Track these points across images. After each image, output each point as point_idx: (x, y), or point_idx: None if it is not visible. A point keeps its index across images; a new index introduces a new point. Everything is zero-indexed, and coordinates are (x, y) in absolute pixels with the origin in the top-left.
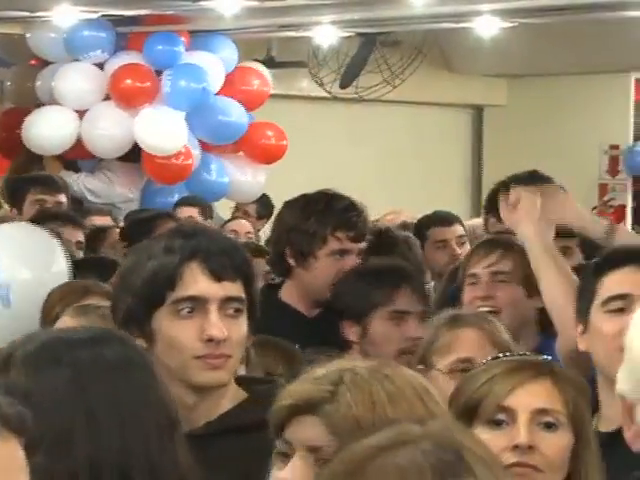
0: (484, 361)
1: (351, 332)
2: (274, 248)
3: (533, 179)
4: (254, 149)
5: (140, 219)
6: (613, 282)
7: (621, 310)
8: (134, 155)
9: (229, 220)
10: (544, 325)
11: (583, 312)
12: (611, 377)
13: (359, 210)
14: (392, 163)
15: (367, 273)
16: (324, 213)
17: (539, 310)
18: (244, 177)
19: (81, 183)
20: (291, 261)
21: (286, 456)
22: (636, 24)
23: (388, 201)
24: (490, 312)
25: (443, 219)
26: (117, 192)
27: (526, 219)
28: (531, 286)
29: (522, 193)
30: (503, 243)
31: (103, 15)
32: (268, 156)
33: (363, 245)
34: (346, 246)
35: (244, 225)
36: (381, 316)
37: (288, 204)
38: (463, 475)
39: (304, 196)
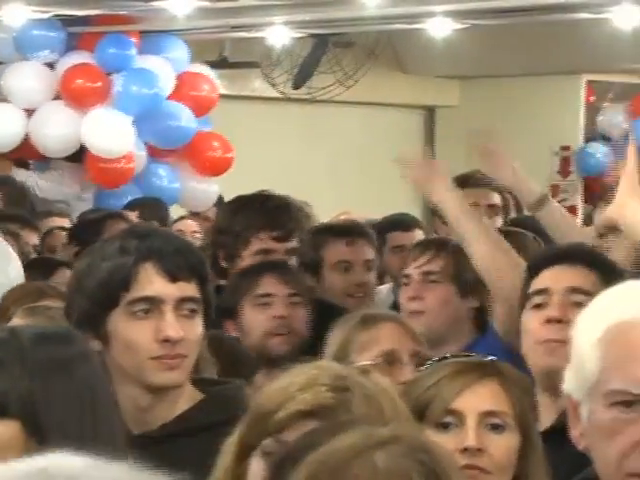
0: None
1: (232, 329)
2: (209, 250)
3: (479, 178)
4: (200, 161)
5: (89, 220)
6: (538, 281)
7: (540, 305)
8: (81, 156)
9: (176, 220)
10: (480, 325)
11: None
12: (535, 374)
13: (288, 209)
14: (345, 164)
15: (239, 270)
16: (249, 214)
17: (475, 310)
18: (197, 185)
19: (32, 180)
20: (223, 263)
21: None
22: (587, 26)
23: (340, 202)
24: (416, 312)
25: (401, 224)
26: (65, 191)
27: (439, 185)
28: (465, 286)
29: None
30: (437, 243)
31: (55, 15)
32: (214, 168)
33: (292, 245)
34: (269, 246)
35: (190, 225)
36: (248, 303)
37: (223, 206)
38: (442, 477)
39: (239, 198)
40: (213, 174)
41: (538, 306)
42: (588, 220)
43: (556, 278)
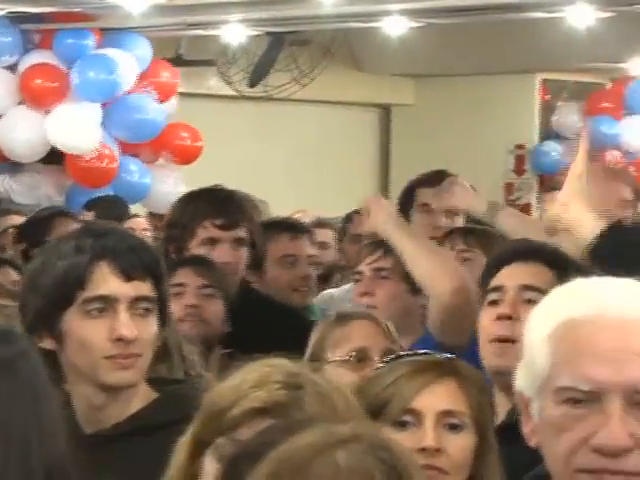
0: (384, 355)
1: None
2: (161, 246)
3: (440, 178)
4: (170, 150)
5: (38, 218)
6: (495, 278)
7: (494, 302)
8: (57, 157)
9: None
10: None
11: None
12: (488, 371)
13: (233, 199)
14: (301, 162)
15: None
16: (196, 205)
17: (426, 307)
18: (164, 187)
19: (7, 184)
20: (173, 256)
21: None
22: (541, 25)
23: (297, 200)
24: (369, 307)
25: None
26: (42, 193)
27: (381, 221)
28: (415, 283)
29: (370, 201)
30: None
31: (9, 12)
32: (184, 157)
33: (240, 234)
34: (214, 234)
35: (140, 222)
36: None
37: (174, 202)
38: (404, 476)
39: (189, 192)
40: (183, 163)
41: (492, 303)
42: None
43: (511, 275)
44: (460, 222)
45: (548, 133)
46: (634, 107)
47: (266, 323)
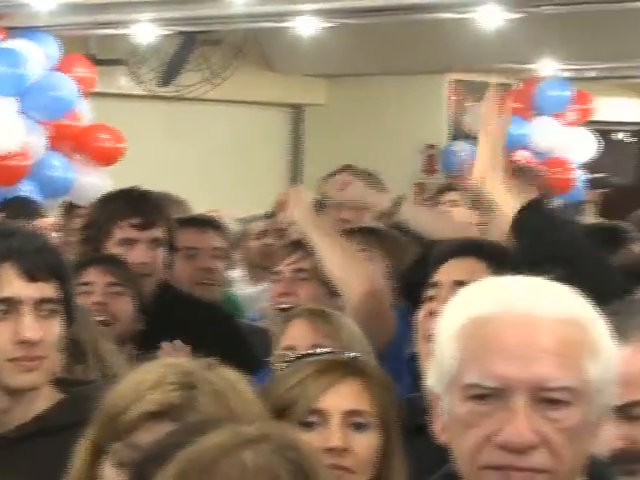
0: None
1: None
2: (79, 248)
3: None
4: (91, 151)
5: None
6: (434, 275)
7: (431, 298)
8: None
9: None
10: None
11: None
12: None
13: (149, 198)
14: (213, 162)
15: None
16: (112, 205)
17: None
18: (89, 180)
19: None
20: None
21: (127, 465)
22: (451, 25)
23: (210, 199)
24: (285, 308)
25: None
26: None
27: (300, 212)
28: (334, 285)
29: (290, 191)
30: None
31: None
32: (105, 158)
33: (156, 234)
34: (130, 235)
35: (45, 222)
36: (77, 293)
37: (91, 203)
38: (311, 475)
39: (106, 193)
40: (105, 164)
41: (429, 299)
42: None
43: (447, 272)
44: (366, 218)
45: (458, 133)
46: (543, 108)
47: (184, 321)
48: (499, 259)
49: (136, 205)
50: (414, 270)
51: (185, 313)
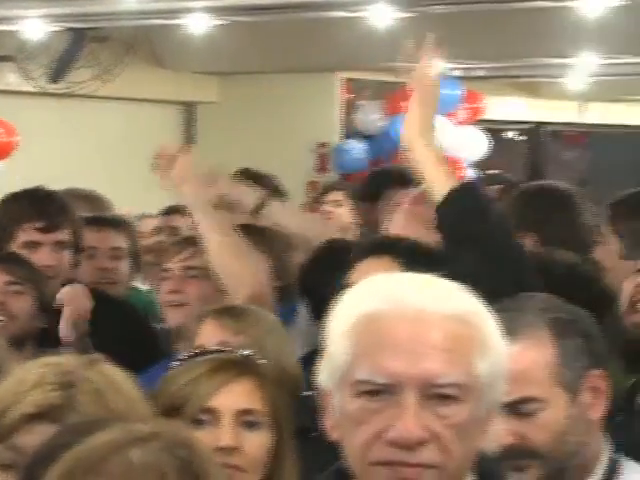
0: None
1: None
2: None
3: (245, 176)
4: None
5: None
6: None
7: None
8: None
9: None
10: None
11: None
12: None
13: (54, 200)
14: (105, 159)
15: None
16: (15, 206)
17: None
18: None
19: None
20: None
21: (10, 467)
22: (343, 24)
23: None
24: (175, 305)
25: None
26: None
27: (184, 182)
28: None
29: (180, 160)
30: (197, 240)
31: None
32: None
33: (62, 237)
34: (34, 238)
35: None
36: None
37: None
38: (200, 474)
39: (10, 194)
40: None
41: None
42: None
43: (363, 271)
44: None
45: (350, 132)
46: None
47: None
48: (414, 257)
49: (41, 207)
50: (311, 271)
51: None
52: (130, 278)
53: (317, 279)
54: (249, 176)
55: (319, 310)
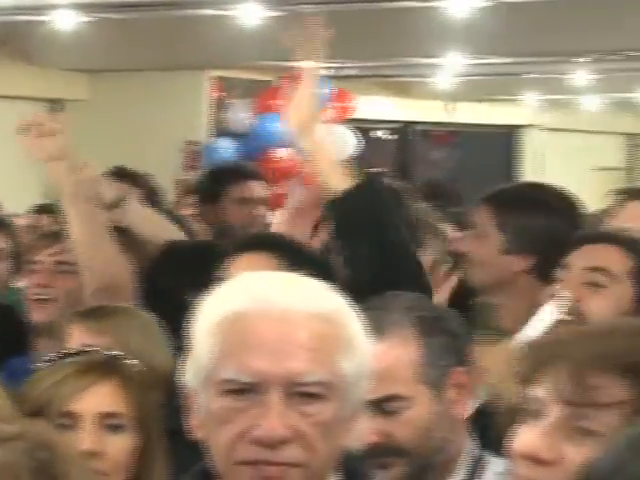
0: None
1: None
2: None
3: (120, 175)
4: None
5: None
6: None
7: None
8: None
9: None
10: None
11: None
12: None
13: None
14: None
15: None
16: None
17: None
18: None
19: None
20: None
21: None
22: (212, 22)
23: None
24: (41, 300)
25: None
26: None
27: (58, 162)
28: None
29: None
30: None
31: None
32: None
33: None
34: None
35: None
36: None
37: None
38: (59, 477)
39: None
40: None
41: None
42: None
43: (239, 266)
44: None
45: (220, 130)
46: None
47: None
48: (291, 253)
49: None
50: (160, 274)
51: None
52: (10, 279)
53: (168, 282)
54: (124, 175)
55: (171, 313)
